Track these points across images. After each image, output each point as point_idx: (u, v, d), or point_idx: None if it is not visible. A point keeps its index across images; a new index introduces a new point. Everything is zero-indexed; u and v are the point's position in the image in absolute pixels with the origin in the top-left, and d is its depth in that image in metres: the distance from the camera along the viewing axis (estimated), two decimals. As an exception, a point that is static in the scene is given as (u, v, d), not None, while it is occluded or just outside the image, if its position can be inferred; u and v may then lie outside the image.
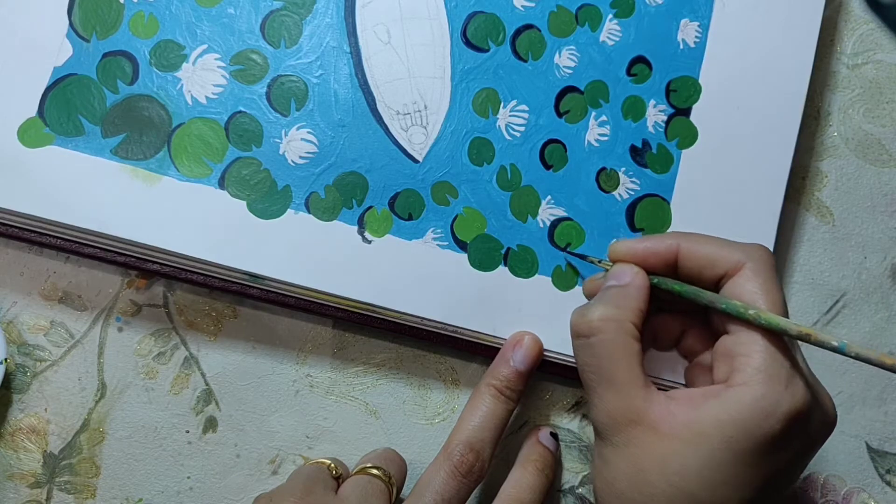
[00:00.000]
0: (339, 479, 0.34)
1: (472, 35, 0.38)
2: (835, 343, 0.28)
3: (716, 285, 0.32)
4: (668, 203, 0.39)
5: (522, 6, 0.39)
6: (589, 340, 0.32)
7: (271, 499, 0.32)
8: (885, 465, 0.41)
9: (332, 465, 0.35)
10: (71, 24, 0.36)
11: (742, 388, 0.29)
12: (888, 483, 0.41)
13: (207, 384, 0.38)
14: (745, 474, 0.29)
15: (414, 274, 0.37)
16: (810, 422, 0.30)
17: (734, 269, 0.31)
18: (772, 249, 0.39)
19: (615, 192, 0.39)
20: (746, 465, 0.29)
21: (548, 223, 0.38)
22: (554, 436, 0.38)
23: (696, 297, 0.32)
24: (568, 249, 0.37)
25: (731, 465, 0.29)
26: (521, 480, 0.35)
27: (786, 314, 0.31)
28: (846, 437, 0.41)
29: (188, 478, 0.37)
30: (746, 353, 0.30)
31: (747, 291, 0.31)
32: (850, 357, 0.28)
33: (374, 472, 0.34)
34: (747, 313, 0.30)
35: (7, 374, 0.36)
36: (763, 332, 0.30)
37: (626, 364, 0.31)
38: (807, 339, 0.29)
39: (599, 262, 0.36)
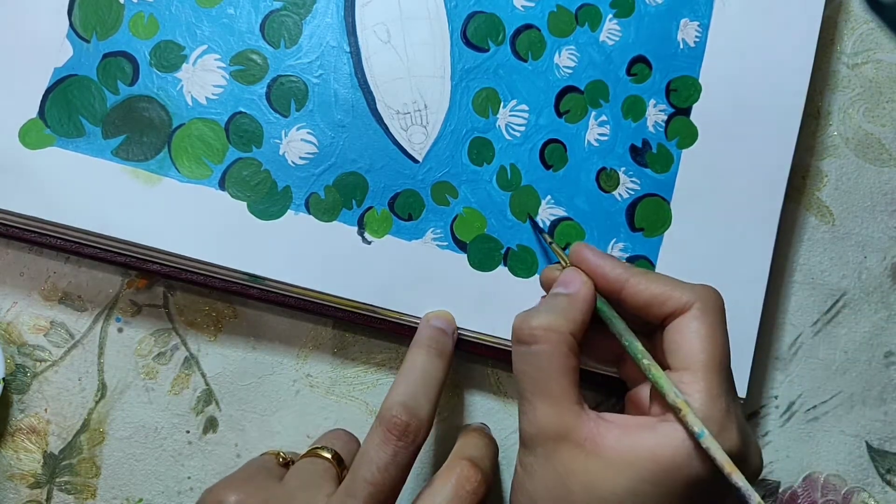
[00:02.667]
0: (288, 467, 0.34)
1: (472, 35, 0.38)
2: (696, 430, 0.28)
3: (662, 324, 0.32)
4: (669, 203, 0.39)
5: (522, 6, 0.39)
6: (530, 349, 0.31)
7: (211, 490, 0.32)
8: (885, 464, 0.41)
9: (281, 453, 0.35)
10: (71, 25, 0.36)
11: (675, 424, 0.29)
12: (888, 483, 0.41)
13: (208, 384, 0.38)
14: None
15: (414, 274, 0.37)
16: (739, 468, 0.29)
17: (682, 308, 0.31)
18: (772, 249, 0.39)
19: (615, 192, 0.39)
20: (671, 500, 0.28)
21: (548, 223, 0.38)
22: (484, 426, 0.38)
23: (609, 321, 0.32)
24: (542, 232, 0.37)
25: (657, 499, 0.28)
26: (467, 442, 0.34)
27: (727, 359, 0.30)
28: (846, 437, 0.41)
29: (188, 478, 0.38)
30: (685, 392, 0.29)
31: (691, 331, 0.30)
32: (703, 447, 0.28)
33: (320, 453, 0.33)
34: (641, 361, 0.30)
35: (7, 379, 0.36)
36: (704, 373, 0.30)
37: (562, 378, 0.30)
38: (677, 412, 0.29)
39: (551, 242, 0.36)
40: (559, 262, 0.35)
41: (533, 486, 0.30)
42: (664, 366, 0.31)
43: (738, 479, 0.28)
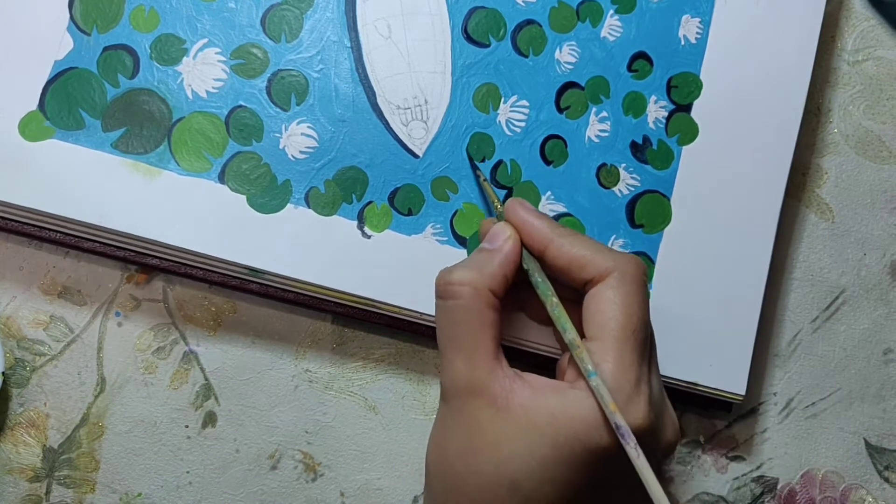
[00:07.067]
0: None
1: (473, 30, 0.38)
2: (589, 367, 0.28)
3: (582, 289, 0.31)
4: (669, 199, 0.39)
5: (524, 1, 0.39)
6: (446, 303, 0.31)
7: None
8: (883, 461, 0.41)
9: None
10: (72, 18, 0.36)
11: (583, 392, 0.29)
12: (886, 479, 0.41)
13: (207, 379, 0.38)
14: (569, 477, 0.28)
15: (413, 269, 0.37)
16: (645, 443, 0.29)
17: (601, 275, 0.30)
18: (771, 246, 0.39)
19: (615, 188, 0.39)
20: (571, 468, 0.28)
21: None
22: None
23: (529, 273, 0.32)
24: (479, 172, 0.37)
25: (556, 465, 0.28)
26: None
27: (642, 330, 0.30)
28: (845, 434, 0.41)
29: (187, 472, 0.37)
30: (597, 360, 0.29)
31: (606, 300, 0.30)
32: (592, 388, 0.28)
33: None
34: (550, 299, 0.30)
35: (6, 373, 0.36)
36: (614, 343, 0.29)
37: (477, 333, 0.30)
38: (574, 349, 0.29)
39: (484, 180, 0.36)
40: (496, 217, 0.35)
41: (445, 439, 0.30)
42: (582, 335, 0.30)
43: (619, 419, 0.27)
